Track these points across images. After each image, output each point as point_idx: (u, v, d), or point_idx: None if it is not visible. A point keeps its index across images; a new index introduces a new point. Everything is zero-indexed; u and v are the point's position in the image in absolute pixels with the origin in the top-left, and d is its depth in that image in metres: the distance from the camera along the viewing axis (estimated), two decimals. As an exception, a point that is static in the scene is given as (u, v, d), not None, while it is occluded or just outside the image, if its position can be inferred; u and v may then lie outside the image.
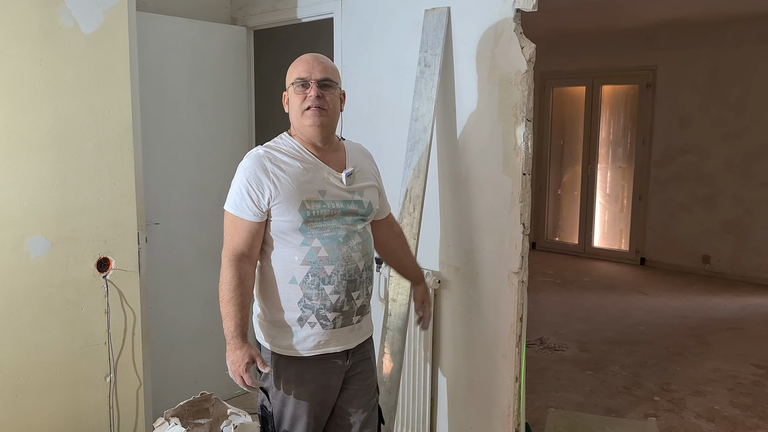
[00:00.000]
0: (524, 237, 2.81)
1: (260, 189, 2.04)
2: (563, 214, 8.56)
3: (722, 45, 6.97)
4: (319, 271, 2.08)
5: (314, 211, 2.07)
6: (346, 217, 2.14)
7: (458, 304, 3.07)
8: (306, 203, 2.07)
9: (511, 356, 2.90)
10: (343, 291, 2.11)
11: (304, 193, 2.07)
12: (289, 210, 2.05)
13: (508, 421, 2.94)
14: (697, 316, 5.85)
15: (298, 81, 2.12)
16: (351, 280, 2.12)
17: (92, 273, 2.86)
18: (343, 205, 2.13)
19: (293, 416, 2.16)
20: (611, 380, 4.40)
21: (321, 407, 2.20)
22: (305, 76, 2.11)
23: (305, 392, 2.15)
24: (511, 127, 2.79)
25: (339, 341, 2.17)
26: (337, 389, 2.23)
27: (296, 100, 2.12)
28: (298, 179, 2.08)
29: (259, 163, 2.07)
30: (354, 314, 2.17)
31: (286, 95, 2.19)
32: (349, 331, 2.18)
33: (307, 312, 2.11)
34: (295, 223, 2.06)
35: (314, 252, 2.08)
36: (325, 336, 2.13)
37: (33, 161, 2.69)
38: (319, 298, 2.10)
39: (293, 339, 2.13)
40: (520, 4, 2.72)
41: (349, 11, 3.41)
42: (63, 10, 2.68)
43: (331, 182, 2.13)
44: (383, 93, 3.27)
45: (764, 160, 6.83)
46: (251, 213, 2.06)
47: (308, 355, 2.14)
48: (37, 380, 2.77)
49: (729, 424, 3.76)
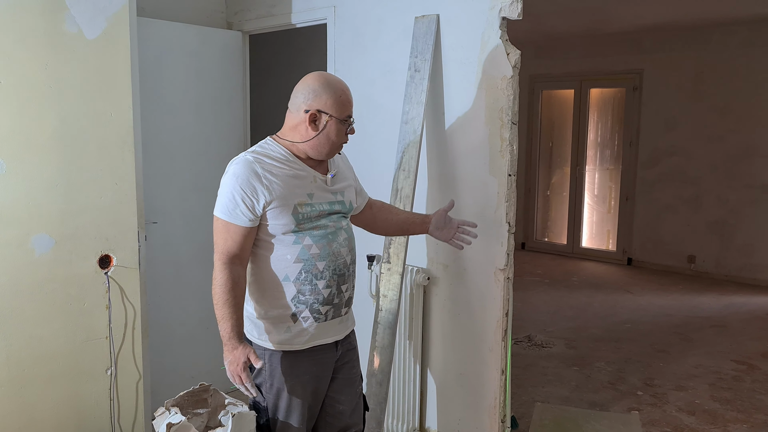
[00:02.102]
0: (510, 235, 2.93)
1: (254, 195, 2.10)
2: (552, 215, 8.69)
3: (707, 49, 7.13)
4: (312, 267, 2.17)
5: (305, 214, 2.16)
6: (331, 215, 2.23)
7: (447, 300, 3.18)
8: (298, 206, 2.14)
9: (498, 350, 3.01)
10: (334, 285, 2.22)
11: (295, 196, 2.15)
12: (283, 214, 2.13)
13: (494, 412, 3.06)
14: (681, 314, 5.98)
15: (348, 119, 2.19)
16: (341, 274, 2.23)
17: (94, 269, 2.96)
18: (329, 206, 2.22)
19: (287, 408, 2.25)
20: (596, 376, 4.52)
21: (314, 398, 2.29)
22: (352, 115, 2.21)
23: (299, 384, 2.24)
24: (497, 129, 2.91)
25: (330, 333, 2.27)
26: (328, 379, 2.32)
27: (337, 132, 2.18)
28: (289, 183, 2.15)
29: (250, 170, 2.11)
30: (343, 306, 2.28)
31: (321, 116, 2.15)
32: (339, 322, 2.29)
33: (300, 307, 2.19)
34: (289, 225, 2.14)
35: (306, 250, 2.17)
36: (318, 329, 2.23)
37: (38, 162, 2.79)
38: (312, 293, 2.19)
39: (288, 334, 2.21)
40: (506, 13, 2.84)
41: (342, 17, 3.52)
42: (67, 17, 2.79)
43: (318, 185, 2.21)
44: (375, 96, 3.38)
45: (748, 162, 6.99)
46: (246, 219, 2.11)
47: (302, 348, 2.23)
48: (41, 372, 2.87)
49: (709, 417, 3.89)
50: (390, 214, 2.58)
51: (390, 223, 2.58)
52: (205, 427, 2.53)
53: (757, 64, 6.81)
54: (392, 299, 3.07)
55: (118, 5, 2.91)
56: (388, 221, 2.57)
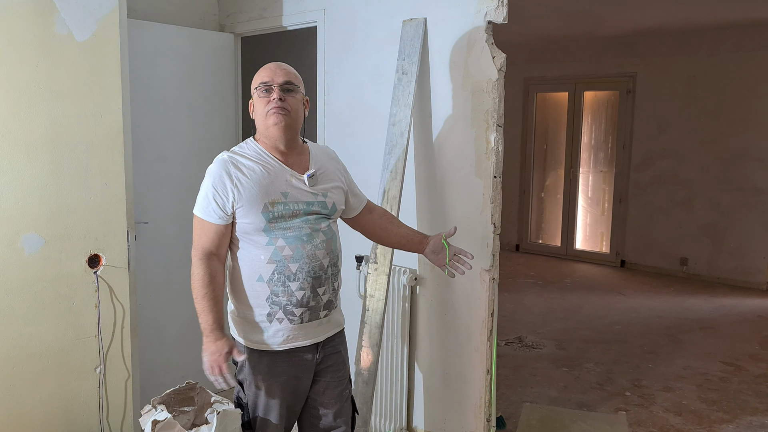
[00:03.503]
0: (495, 236, 2.97)
1: (225, 193, 2.15)
2: (546, 217, 8.72)
3: (699, 53, 7.17)
4: (284, 269, 2.18)
5: (277, 212, 2.17)
6: (309, 216, 2.23)
7: (433, 300, 3.22)
8: (269, 205, 2.16)
9: (483, 350, 3.05)
10: (308, 287, 2.21)
11: (266, 195, 2.17)
12: (251, 212, 2.15)
13: (480, 411, 3.09)
14: (672, 316, 6.02)
15: (261, 86, 2.20)
16: (316, 276, 2.22)
17: (83, 269, 2.99)
18: (306, 206, 2.22)
19: (266, 405, 2.27)
20: (585, 377, 4.56)
21: (293, 397, 2.31)
22: (268, 80, 2.21)
23: (276, 384, 2.26)
24: (482, 132, 2.94)
25: (307, 335, 2.27)
26: (308, 381, 2.33)
27: (260, 104, 2.21)
28: (260, 182, 2.17)
29: (224, 168, 2.17)
30: (321, 309, 2.27)
31: (252, 102, 2.27)
32: (317, 325, 2.29)
33: (274, 308, 2.21)
34: (258, 224, 2.16)
35: (279, 251, 2.18)
36: (293, 331, 2.24)
37: (28, 162, 2.81)
38: (285, 295, 2.19)
39: (264, 334, 2.24)
40: (492, 17, 2.88)
41: (332, 21, 3.56)
42: (58, 19, 2.81)
43: (293, 184, 2.21)
44: (364, 99, 3.42)
45: (739, 165, 7.03)
46: (217, 216, 2.16)
47: (279, 349, 2.24)
48: (31, 370, 2.89)
49: (695, 417, 3.93)
50: (391, 226, 2.54)
51: (390, 234, 2.53)
52: (191, 425, 2.56)
53: (749, 68, 6.85)
54: (379, 299, 3.10)
55: (109, 8, 2.94)
56: (388, 231, 2.52)
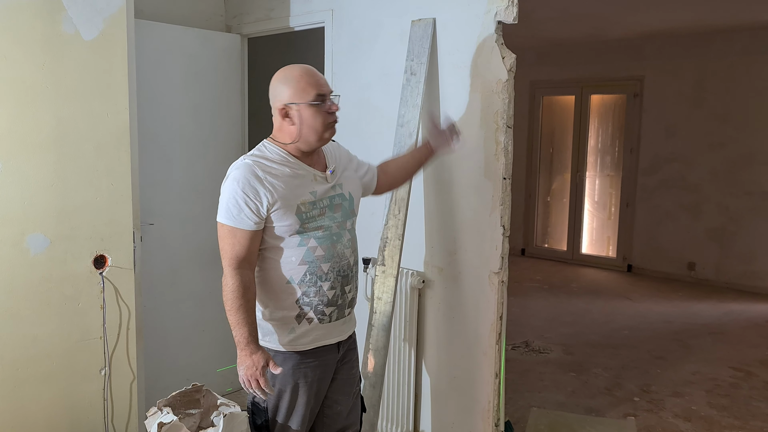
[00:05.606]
0: (504, 239, 2.93)
1: (257, 198, 2.09)
2: (552, 221, 8.68)
3: (708, 56, 7.13)
4: (316, 269, 2.18)
5: (308, 212, 2.16)
6: (335, 214, 2.22)
7: (441, 303, 3.18)
8: (301, 206, 2.15)
9: (492, 353, 3.01)
10: (338, 286, 2.23)
11: (298, 196, 2.15)
12: (287, 214, 2.12)
13: (488, 416, 3.05)
14: (680, 321, 5.97)
15: (319, 98, 2.13)
16: (344, 275, 2.24)
17: (89, 269, 2.97)
18: (330, 201, 2.22)
19: (289, 409, 2.25)
20: (593, 381, 4.52)
21: (315, 399, 2.30)
22: (324, 92, 2.15)
23: (302, 386, 2.24)
24: (492, 133, 2.91)
25: (333, 334, 2.28)
26: (329, 380, 2.33)
27: (318, 115, 2.14)
28: (290, 183, 2.15)
29: (251, 173, 2.11)
30: (346, 307, 2.29)
31: (289, 109, 2.16)
32: (343, 323, 2.31)
33: (305, 309, 2.20)
34: (294, 225, 2.14)
35: (311, 252, 2.17)
36: (322, 330, 2.24)
37: (34, 161, 2.79)
38: (317, 295, 2.20)
39: (292, 335, 2.22)
40: (502, 17, 2.85)
41: (340, 21, 3.54)
42: (65, 18, 2.80)
43: (318, 182, 2.21)
44: (371, 99, 3.39)
45: (748, 169, 6.98)
46: (251, 222, 2.10)
47: (305, 349, 2.23)
48: (36, 372, 2.87)
49: (705, 423, 3.88)
50: (401, 165, 2.63)
51: (408, 171, 2.65)
52: (197, 428, 2.53)
53: (758, 71, 6.80)
54: (387, 302, 3.07)
55: (116, 7, 2.93)
56: (406, 170, 2.64)
